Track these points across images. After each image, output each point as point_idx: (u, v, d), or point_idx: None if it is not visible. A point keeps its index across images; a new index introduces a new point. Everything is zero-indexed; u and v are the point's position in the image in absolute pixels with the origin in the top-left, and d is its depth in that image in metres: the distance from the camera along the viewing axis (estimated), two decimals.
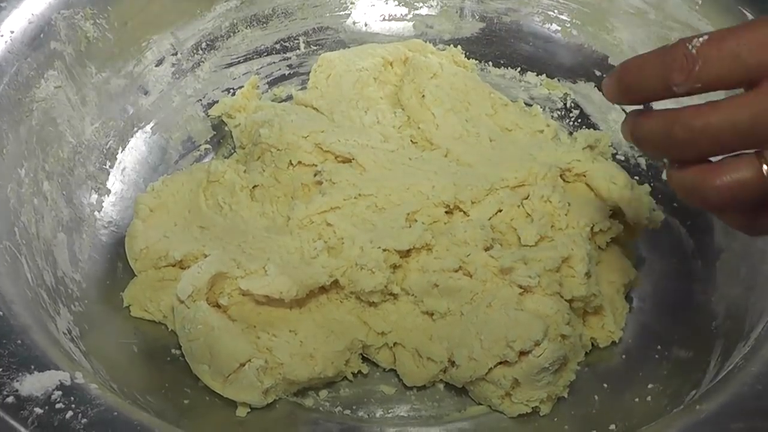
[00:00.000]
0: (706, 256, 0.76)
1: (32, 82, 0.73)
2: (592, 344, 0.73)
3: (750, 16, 0.75)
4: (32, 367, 0.57)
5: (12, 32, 0.73)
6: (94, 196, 0.78)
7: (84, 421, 0.54)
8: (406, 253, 0.71)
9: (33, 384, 0.56)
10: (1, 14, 0.73)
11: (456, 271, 0.70)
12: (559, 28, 0.87)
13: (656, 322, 0.75)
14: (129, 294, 0.74)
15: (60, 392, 0.56)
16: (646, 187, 0.77)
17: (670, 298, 0.76)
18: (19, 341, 0.59)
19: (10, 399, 0.54)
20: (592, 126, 0.86)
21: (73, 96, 0.77)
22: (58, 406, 0.55)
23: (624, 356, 0.74)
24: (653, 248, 0.78)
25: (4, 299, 0.61)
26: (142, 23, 0.81)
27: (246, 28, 0.87)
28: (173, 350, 0.72)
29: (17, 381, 0.56)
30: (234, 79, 0.87)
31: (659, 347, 0.73)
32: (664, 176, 0.81)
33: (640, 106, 0.53)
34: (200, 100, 0.85)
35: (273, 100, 0.86)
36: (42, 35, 0.74)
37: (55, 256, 0.72)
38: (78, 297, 0.71)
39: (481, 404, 0.70)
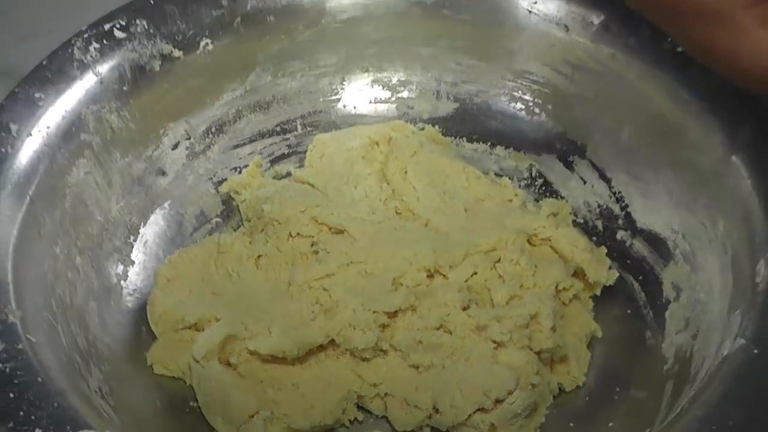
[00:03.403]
0: (656, 307, 0.77)
1: (65, 170, 0.74)
2: (560, 388, 0.74)
3: None
4: (68, 427, 0.58)
5: (48, 127, 0.74)
6: (120, 267, 0.78)
7: None
8: (393, 314, 0.72)
9: None
10: (39, 112, 0.74)
11: (437, 329, 0.71)
12: (523, 107, 0.88)
13: (615, 367, 0.76)
14: (152, 354, 0.75)
15: None
16: (603, 249, 0.79)
17: (626, 345, 0.77)
18: (56, 404, 0.59)
19: None
20: (555, 192, 0.86)
21: (100, 180, 0.77)
22: None
23: (587, 398, 0.75)
24: (610, 301, 0.79)
25: (43, 366, 0.62)
26: (160, 113, 0.82)
27: (250, 113, 0.87)
28: (191, 403, 0.73)
29: None
30: (240, 158, 0.87)
31: (618, 389, 0.74)
32: (618, 237, 0.82)
33: None
34: (211, 178, 0.86)
35: (274, 177, 0.87)
36: (73, 128, 0.75)
37: (87, 322, 0.72)
38: (107, 357, 0.72)
39: None
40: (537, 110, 0.88)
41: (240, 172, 0.87)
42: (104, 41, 0.79)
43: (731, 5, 0.55)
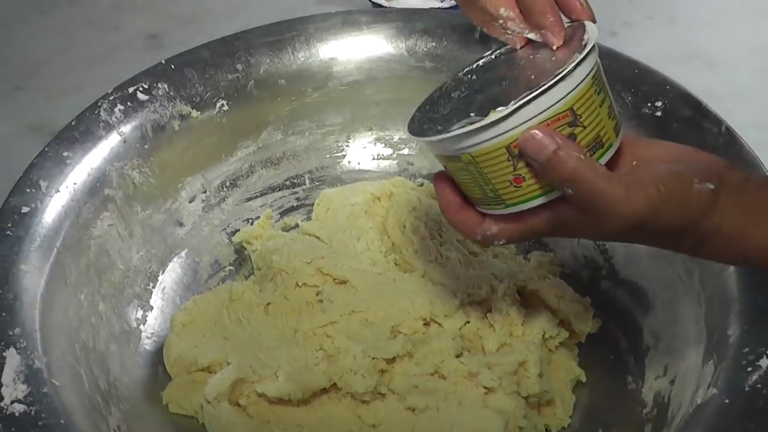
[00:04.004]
0: (637, 353, 0.77)
1: (90, 222, 0.76)
2: (546, 430, 0.75)
3: None
4: None
5: (75, 184, 0.75)
6: (140, 312, 0.79)
7: None
8: (391, 360, 0.73)
9: None
10: (66, 169, 0.75)
11: (432, 374, 0.72)
12: None
13: (598, 409, 0.76)
14: (167, 394, 0.76)
15: None
16: (587, 299, 0.80)
17: (608, 389, 0.77)
18: None
19: None
20: (544, 245, 0.87)
21: (122, 231, 0.79)
22: None
23: None
24: (594, 347, 0.79)
25: (66, 408, 0.63)
26: (178, 169, 0.84)
27: (262, 168, 0.89)
28: None
29: None
30: (252, 210, 0.88)
31: (601, 431, 0.74)
32: (602, 287, 0.83)
33: None
34: (225, 229, 0.87)
35: (284, 228, 0.88)
36: (98, 184, 0.77)
37: (108, 364, 0.73)
38: (126, 397, 0.73)
39: None
40: None
41: (252, 224, 0.88)
42: (128, 103, 0.81)
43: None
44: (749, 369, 0.62)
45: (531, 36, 0.57)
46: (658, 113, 0.79)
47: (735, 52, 1.08)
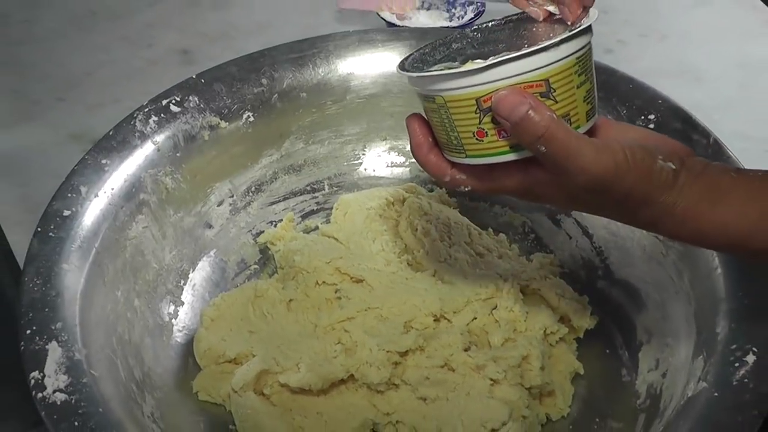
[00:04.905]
0: (631, 347, 0.76)
1: (126, 225, 0.75)
2: (547, 418, 0.74)
3: None
4: None
5: (112, 189, 0.75)
6: (172, 307, 0.79)
7: None
8: (404, 353, 0.72)
9: None
10: (105, 176, 0.75)
11: (442, 367, 0.72)
12: None
13: (595, 400, 0.76)
14: (197, 383, 0.75)
15: None
16: (586, 298, 0.79)
17: (605, 381, 0.77)
18: None
19: None
20: (545, 246, 0.86)
21: (156, 233, 0.78)
22: None
23: (571, 427, 0.74)
24: (591, 342, 0.79)
25: (104, 398, 0.63)
26: (208, 175, 0.83)
27: (285, 174, 0.88)
28: (231, 426, 0.73)
29: None
30: (276, 214, 0.88)
31: (597, 420, 0.74)
32: (598, 285, 0.82)
33: None
34: (250, 230, 0.86)
35: (305, 230, 0.88)
36: (134, 189, 0.77)
37: (143, 356, 0.73)
38: (159, 386, 0.73)
39: None
40: None
41: (275, 226, 0.87)
42: (162, 115, 0.81)
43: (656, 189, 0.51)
44: (737, 364, 0.62)
45: (551, 9, 0.56)
46: (651, 126, 0.78)
47: (721, 67, 1.07)
